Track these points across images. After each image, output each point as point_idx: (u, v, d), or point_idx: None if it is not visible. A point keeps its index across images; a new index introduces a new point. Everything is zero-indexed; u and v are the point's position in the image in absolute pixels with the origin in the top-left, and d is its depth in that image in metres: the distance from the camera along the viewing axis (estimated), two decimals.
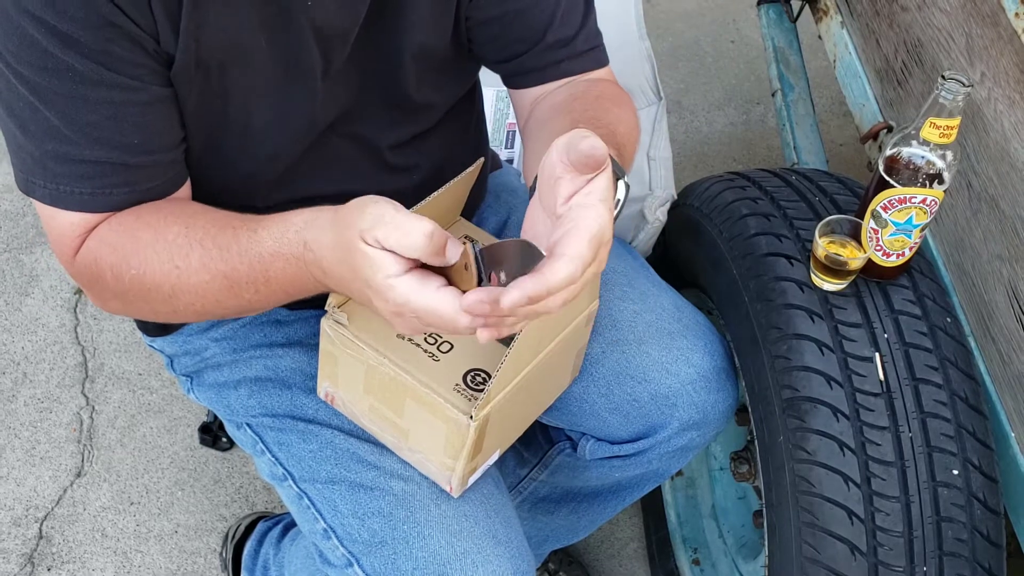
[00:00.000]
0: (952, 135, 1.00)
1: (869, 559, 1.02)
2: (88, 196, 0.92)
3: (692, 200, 1.33)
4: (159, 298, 0.93)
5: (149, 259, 0.91)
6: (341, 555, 1.05)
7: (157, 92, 0.90)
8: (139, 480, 1.80)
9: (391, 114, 1.08)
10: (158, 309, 0.95)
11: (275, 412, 1.12)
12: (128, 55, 0.86)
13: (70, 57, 0.84)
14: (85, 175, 0.90)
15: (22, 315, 2.02)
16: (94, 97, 0.86)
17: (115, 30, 0.84)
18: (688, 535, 1.61)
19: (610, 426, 1.16)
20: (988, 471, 1.05)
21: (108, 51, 0.85)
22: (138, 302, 0.95)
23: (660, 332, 1.15)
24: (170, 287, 0.91)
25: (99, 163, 0.90)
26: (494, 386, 0.92)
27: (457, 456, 0.97)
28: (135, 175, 0.92)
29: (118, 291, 0.94)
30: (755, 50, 2.67)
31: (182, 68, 0.90)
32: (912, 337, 1.08)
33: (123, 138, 0.90)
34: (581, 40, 1.09)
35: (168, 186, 0.96)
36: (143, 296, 0.94)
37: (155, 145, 0.92)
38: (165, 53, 0.89)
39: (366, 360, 0.97)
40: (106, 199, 0.92)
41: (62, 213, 0.93)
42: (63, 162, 0.89)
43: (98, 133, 0.88)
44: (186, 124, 0.96)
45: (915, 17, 1.34)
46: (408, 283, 0.77)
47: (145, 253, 0.91)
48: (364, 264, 0.77)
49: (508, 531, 1.05)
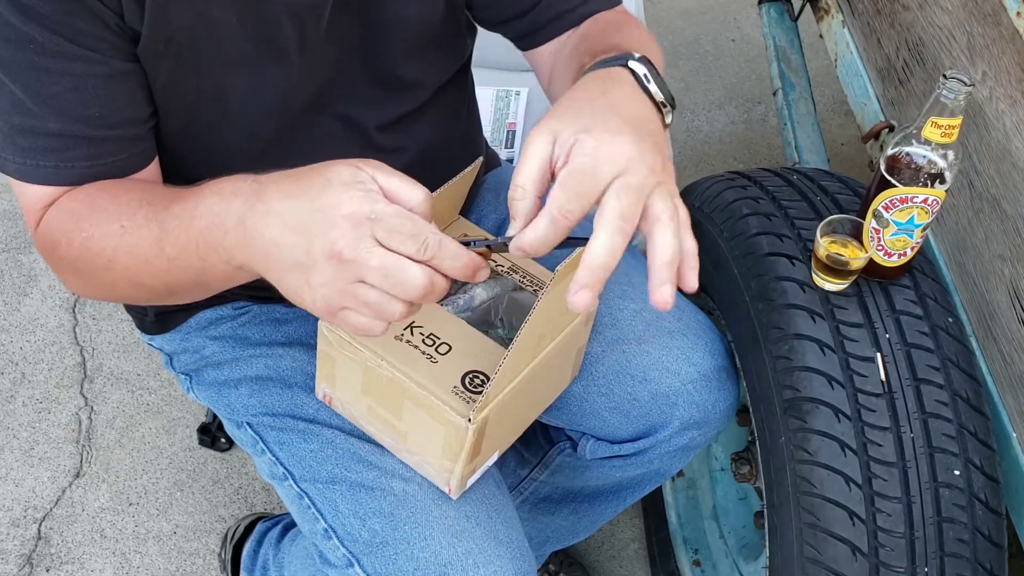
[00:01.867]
0: (954, 134, 0.99)
1: (870, 560, 1.01)
2: (52, 169, 0.91)
3: (693, 199, 1.33)
4: (100, 263, 0.89)
5: (99, 221, 0.89)
6: (342, 555, 1.05)
7: (119, 66, 0.89)
8: (138, 481, 1.80)
9: (376, 92, 1.06)
10: (97, 276, 0.91)
11: (275, 411, 1.12)
12: (89, 28, 0.86)
13: (31, 28, 0.83)
14: (49, 148, 0.90)
15: (20, 315, 2.01)
16: (56, 69, 0.86)
17: (76, 3, 0.84)
18: (689, 536, 1.61)
19: (610, 425, 1.16)
20: (990, 472, 1.05)
21: (69, 23, 0.84)
22: (83, 269, 0.92)
23: (660, 331, 1.15)
24: (112, 249, 0.88)
25: (61, 136, 0.89)
26: (492, 388, 0.92)
27: (456, 458, 0.97)
28: (97, 148, 0.92)
29: (69, 258, 0.92)
30: (756, 49, 2.67)
31: (150, 43, 0.89)
32: (914, 337, 1.08)
33: (84, 110, 0.89)
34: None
35: (132, 162, 0.95)
36: (87, 264, 0.90)
37: (117, 119, 0.92)
38: (130, 29, 0.88)
39: (364, 362, 0.97)
40: (68, 172, 0.91)
41: (30, 187, 0.92)
42: (29, 135, 0.89)
43: (60, 105, 0.88)
44: (159, 101, 0.95)
45: (916, 16, 1.34)
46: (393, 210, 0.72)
47: (97, 216, 0.89)
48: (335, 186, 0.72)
49: (509, 531, 1.05)
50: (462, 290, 1.05)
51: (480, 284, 1.06)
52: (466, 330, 1.00)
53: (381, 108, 1.07)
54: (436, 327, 0.99)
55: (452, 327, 1.00)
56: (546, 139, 0.76)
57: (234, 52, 0.94)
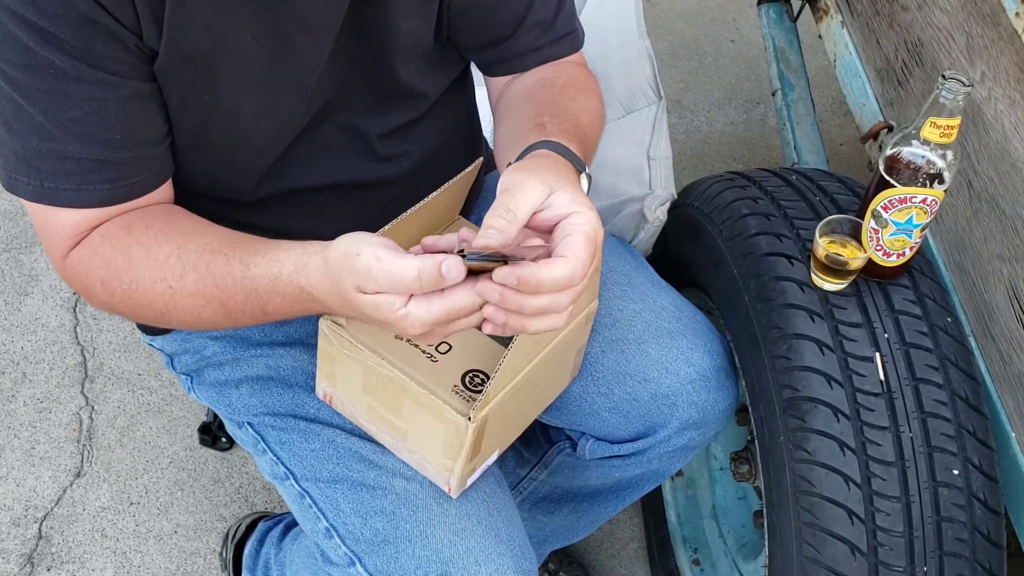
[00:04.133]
0: (952, 135, 0.99)
1: (869, 559, 1.02)
2: (72, 192, 0.92)
3: (692, 200, 1.33)
4: (151, 314, 0.95)
5: (141, 277, 0.92)
6: (344, 554, 1.05)
7: (138, 87, 0.90)
8: (139, 480, 1.80)
9: (380, 102, 1.07)
10: (147, 319, 0.97)
11: (277, 411, 1.12)
12: (109, 51, 0.86)
13: (50, 53, 0.84)
14: (68, 171, 0.91)
15: (21, 315, 2.02)
16: (76, 93, 0.87)
17: (95, 27, 0.84)
18: (688, 535, 1.61)
19: (610, 425, 1.16)
20: (988, 471, 1.05)
21: (88, 47, 0.85)
22: (128, 313, 0.97)
23: (660, 331, 1.15)
24: (163, 304, 0.93)
25: (81, 159, 0.90)
26: (492, 387, 0.92)
27: (456, 457, 0.97)
28: (117, 171, 0.93)
29: (108, 302, 0.96)
30: (755, 49, 2.67)
31: (166, 62, 0.90)
32: (912, 337, 1.08)
33: (105, 133, 0.90)
34: (560, 23, 1.10)
35: (151, 182, 0.97)
36: (134, 311, 0.96)
37: (136, 140, 0.92)
38: (148, 48, 0.89)
39: (364, 361, 0.97)
40: (90, 195, 0.92)
41: (53, 214, 0.93)
42: (47, 159, 0.90)
43: (80, 129, 0.89)
44: (173, 117, 0.96)
45: (915, 16, 1.34)
46: (417, 307, 0.80)
47: (137, 271, 0.92)
48: (371, 309, 0.81)
49: (510, 530, 1.05)
50: None
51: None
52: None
53: (384, 117, 1.08)
54: None
55: None
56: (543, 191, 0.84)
57: (249, 70, 0.95)
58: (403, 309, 0.80)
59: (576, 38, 1.13)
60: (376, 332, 0.97)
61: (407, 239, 1.03)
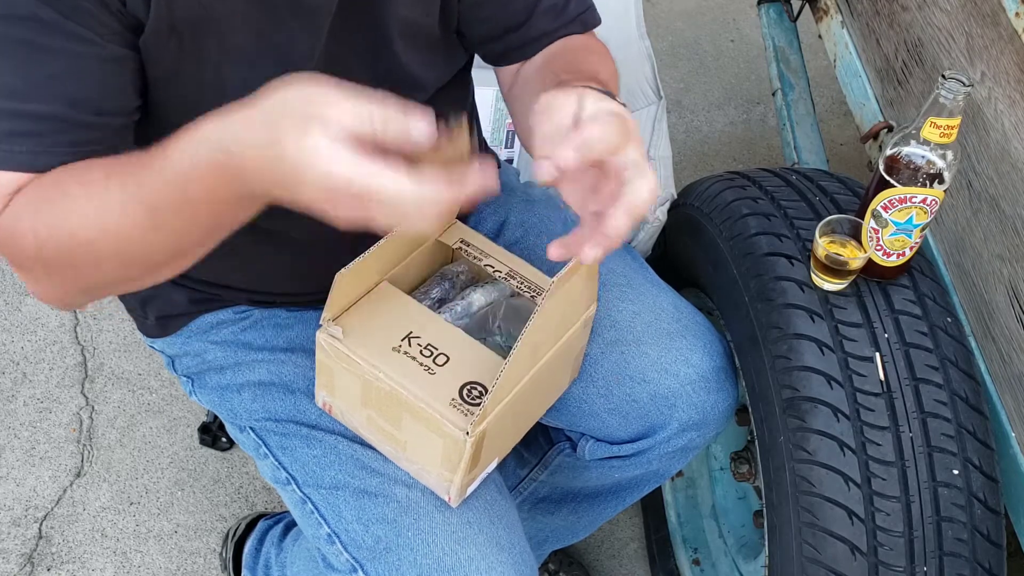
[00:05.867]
0: (952, 135, 0.99)
1: (869, 559, 1.02)
2: (26, 155, 0.87)
3: (692, 200, 1.33)
4: (81, 252, 0.85)
5: (69, 206, 0.85)
6: (345, 560, 1.05)
7: (115, 51, 0.89)
8: (139, 480, 1.80)
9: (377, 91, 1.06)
10: (81, 269, 0.88)
11: (278, 417, 1.12)
12: (93, 9, 0.85)
13: (35, 7, 0.83)
14: (28, 132, 0.87)
15: (21, 315, 2.02)
16: (53, 47, 0.85)
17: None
18: (688, 535, 1.61)
19: (609, 427, 1.16)
20: (988, 471, 1.05)
21: (75, 4, 0.84)
22: (60, 263, 0.87)
23: (659, 332, 1.15)
24: (95, 230, 0.84)
25: (44, 119, 0.87)
26: (490, 401, 0.91)
27: (455, 469, 0.97)
28: (79, 135, 0.89)
29: (38, 252, 0.87)
30: (755, 49, 2.67)
31: (154, 32, 0.89)
32: (912, 337, 1.08)
33: (75, 92, 0.87)
34: (573, 4, 1.09)
35: (109, 155, 0.90)
36: (65, 252, 0.86)
37: (107, 107, 0.90)
38: (131, 15, 0.88)
39: (362, 375, 0.97)
40: (46, 158, 0.87)
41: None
42: (6, 118, 0.86)
43: (51, 85, 0.86)
44: (159, 92, 0.94)
45: (915, 17, 1.34)
46: (347, 148, 0.71)
47: (65, 201, 0.85)
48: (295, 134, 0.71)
49: (511, 537, 1.05)
50: (460, 296, 1.05)
51: (478, 290, 1.06)
52: (464, 340, 1.00)
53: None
54: (434, 337, 0.99)
55: (450, 337, 0.99)
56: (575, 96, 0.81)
57: (236, 45, 0.94)
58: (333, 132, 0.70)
59: (590, 16, 1.11)
60: (374, 345, 0.96)
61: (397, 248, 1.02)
